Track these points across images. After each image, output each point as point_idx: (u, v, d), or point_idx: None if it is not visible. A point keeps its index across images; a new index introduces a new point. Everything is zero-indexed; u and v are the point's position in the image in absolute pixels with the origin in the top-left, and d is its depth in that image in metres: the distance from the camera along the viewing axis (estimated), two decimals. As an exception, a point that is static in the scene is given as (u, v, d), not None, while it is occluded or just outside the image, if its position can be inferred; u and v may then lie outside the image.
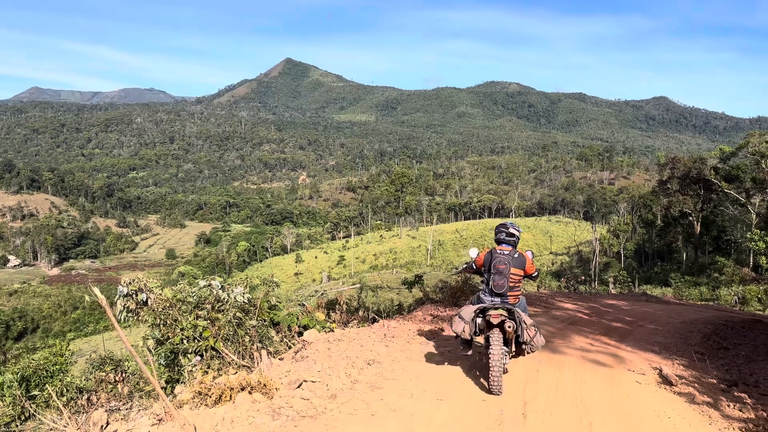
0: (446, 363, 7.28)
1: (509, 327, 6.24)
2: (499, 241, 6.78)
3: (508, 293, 6.51)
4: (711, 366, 8.06)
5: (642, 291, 32.05)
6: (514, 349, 6.70)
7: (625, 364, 7.90)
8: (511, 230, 6.76)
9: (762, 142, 46.20)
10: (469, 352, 6.79)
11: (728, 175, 47.75)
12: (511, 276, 6.49)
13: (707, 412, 5.99)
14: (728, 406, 6.23)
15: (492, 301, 6.53)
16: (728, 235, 54.22)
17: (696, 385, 6.93)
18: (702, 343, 10.12)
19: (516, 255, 6.59)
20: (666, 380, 7.03)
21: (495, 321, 6.25)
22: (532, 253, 7.07)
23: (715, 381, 7.22)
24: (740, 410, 6.10)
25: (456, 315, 6.68)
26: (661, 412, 5.94)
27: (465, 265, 7.33)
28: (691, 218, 53.03)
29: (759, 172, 45.91)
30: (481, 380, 6.49)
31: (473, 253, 7.05)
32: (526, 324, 6.34)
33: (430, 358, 7.57)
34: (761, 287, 31.31)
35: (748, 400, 6.50)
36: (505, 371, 6.25)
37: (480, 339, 6.63)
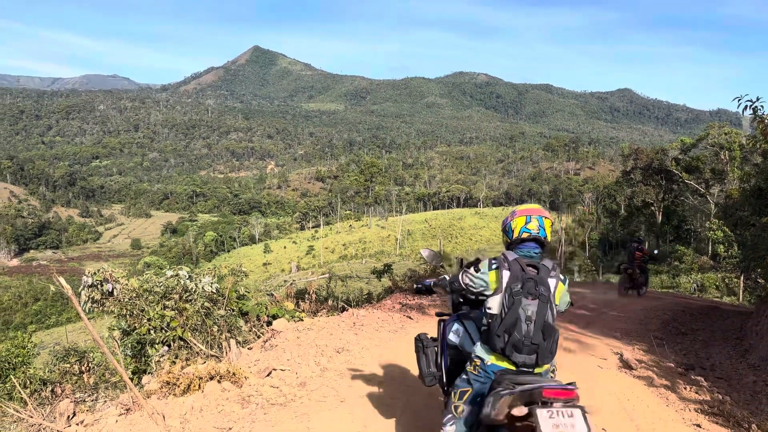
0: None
1: None
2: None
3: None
4: (669, 351, 8.34)
5: (606, 279, 32.81)
6: None
7: (588, 349, 8.13)
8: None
9: (721, 133, 47.41)
10: None
11: (689, 166, 48.93)
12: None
13: (665, 395, 6.21)
14: (685, 388, 6.47)
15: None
16: (688, 224, 55.64)
17: (655, 369, 7.17)
18: (661, 328, 10.46)
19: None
20: (626, 365, 7.26)
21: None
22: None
23: (673, 365, 7.48)
24: (696, 393, 6.34)
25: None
26: (620, 394, 6.14)
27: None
28: (653, 208, 54.25)
29: (718, 163, 47.18)
30: None
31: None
32: None
33: (398, 345, 7.66)
34: (719, 275, 32.31)
35: (704, 383, 6.76)
36: None
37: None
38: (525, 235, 3.51)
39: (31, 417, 5.43)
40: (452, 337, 3.92)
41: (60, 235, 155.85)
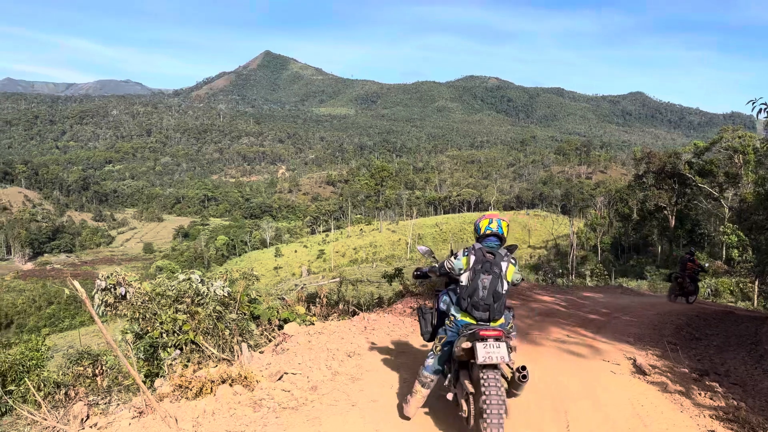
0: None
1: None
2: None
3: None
4: (683, 356, 8.25)
5: (618, 284, 32.59)
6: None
7: (600, 354, 8.06)
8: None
9: (735, 137, 47.10)
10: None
11: (702, 170, 48.59)
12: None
13: (679, 401, 6.15)
14: (700, 394, 6.40)
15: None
16: (702, 228, 55.21)
17: (669, 374, 7.10)
18: (675, 333, 10.36)
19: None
20: (640, 370, 7.19)
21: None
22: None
23: (687, 370, 7.40)
24: (711, 399, 6.27)
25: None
26: (634, 400, 6.09)
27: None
28: (666, 212, 53.88)
29: (732, 166, 46.84)
30: None
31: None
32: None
33: (409, 349, 7.64)
34: (733, 280, 32.02)
35: (719, 389, 6.68)
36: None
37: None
38: (488, 232, 5.03)
39: (45, 419, 5.48)
40: (442, 305, 5.30)
41: (73, 239, 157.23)
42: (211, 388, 5.58)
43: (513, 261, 4.88)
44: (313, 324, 9.02)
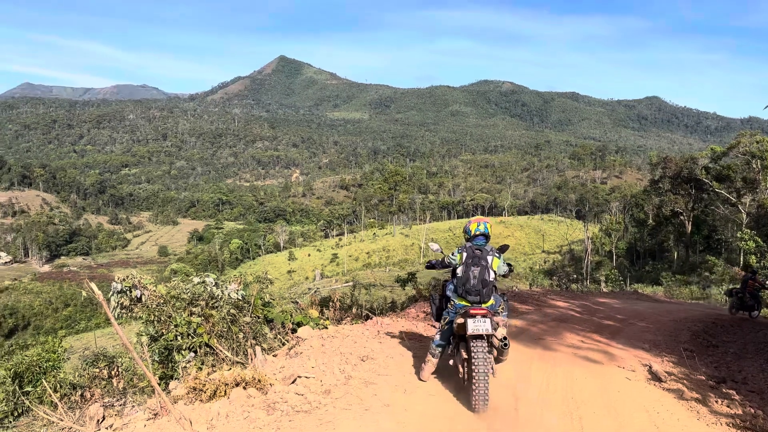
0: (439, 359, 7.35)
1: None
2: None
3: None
4: (700, 363, 8.16)
5: (633, 289, 32.28)
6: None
7: (615, 360, 8.00)
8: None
9: (752, 142, 46.49)
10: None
11: (719, 175, 48.04)
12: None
13: (695, 408, 6.08)
14: (716, 402, 6.33)
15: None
16: (719, 234, 54.56)
17: (685, 381, 7.03)
18: (691, 340, 10.25)
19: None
20: (655, 377, 7.13)
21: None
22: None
23: (703, 378, 7.32)
24: (728, 406, 6.20)
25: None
26: (650, 407, 6.03)
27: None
28: (682, 217, 53.34)
29: (749, 172, 46.24)
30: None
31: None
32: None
33: (423, 354, 7.63)
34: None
35: (736, 397, 6.60)
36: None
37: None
38: (477, 233, 6.28)
39: (62, 420, 5.54)
40: (448, 292, 6.37)
41: (90, 242, 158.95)
42: (225, 391, 5.61)
43: (497, 255, 6.10)
44: (327, 328, 9.03)
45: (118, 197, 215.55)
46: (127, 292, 7.76)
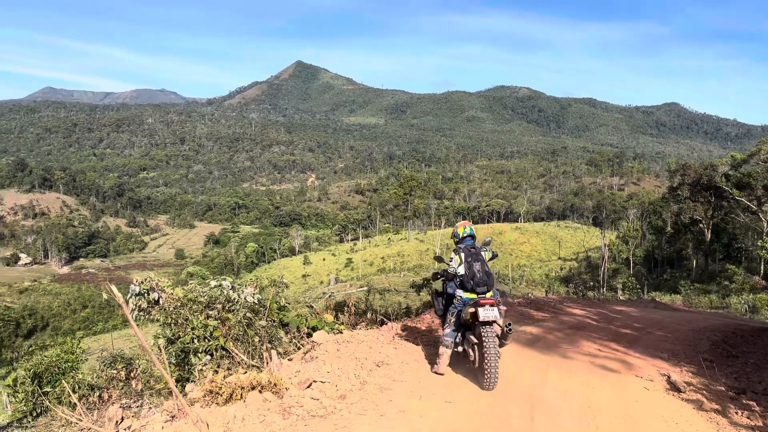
0: (454, 366, 7.33)
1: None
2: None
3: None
4: (719, 373, 8.04)
5: (651, 298, 31.92)
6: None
7: (633, 370, 7.91)
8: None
9: (774, 149, 45.85)
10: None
11: (739, 183, 47.38)
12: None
13: (715, 419, 5.99)
14: (736, 413, 6.23)
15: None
16: (739, 242, 53.82)
17: (704, 392, 6.93)
18: (711, 350, 10.10)
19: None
20: (674, 387, 7.04)
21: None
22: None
23: (723, 388, 7.21)
24: (748, 418, 6.10)
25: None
26: (668, 418, 5.96)
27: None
28: (701, 225, 52.68)
29: (771, 179, 45.57)
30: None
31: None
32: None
33: (438, 360, 7.60)
34: (772, 295, 31.03)
35: (757, 408, 6.49)
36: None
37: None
38: (465, 235, 7.22)
39: (80, 421, 5.59)
40: (449, 290, 7.21)
41: (108, 244, 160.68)
42: (241, 395, 5.64)
43: (486, 249, 7.12)
44: (342, 333, 9.04)
45: (136, 200, 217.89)
46: (145, 294, 7.82)
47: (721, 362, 9.11)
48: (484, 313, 6.40)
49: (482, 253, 6.96)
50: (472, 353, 6.68)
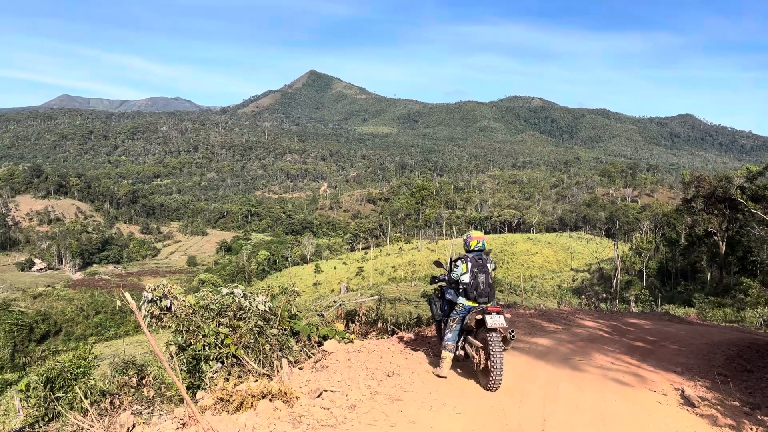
0: (465, 376, 7.30)
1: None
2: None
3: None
4: (734, 388, 7.94)
5: (664, 311, 31.59)
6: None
7: (646, 383, 7.83)
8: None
9: (790, 161, 45.35)
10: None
11: (755, 195, 46.90)
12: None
13: (730, 435, 5.91)
14: (751, 429, 6.14)
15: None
16: (754, 255, 53.17)
17: (719, 407, 6.84)
18: (725, 365, 9.97)
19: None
20: (688, 401, 6.95)
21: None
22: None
23: (738, 403, 7.11)
24: (764, 434, 6.01)
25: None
26: (682, 433, 5.87)
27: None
28: (716, 238, 52.16)
29: (787, 192, 45.07)
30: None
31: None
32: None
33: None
34: (788, 310, 30.59)
35: (773, 424, 6.39)
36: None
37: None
38: (477, 248, 7.46)
39: (92, 426, 5.62)
40: (448, 296, 7.55)
41: (121, 251, 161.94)
42: (252, 403, 5.64)
43: (491, 261, 7.38)
44: (352, 342, 9.03)
45: (149, 207, 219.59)
46: (158, 301, 7.87)
47: (736, 377, 8.99)
48: (492, 321, 6.75)
49: (488, 264, 7.26)
50: (476, 356, 6.98)
